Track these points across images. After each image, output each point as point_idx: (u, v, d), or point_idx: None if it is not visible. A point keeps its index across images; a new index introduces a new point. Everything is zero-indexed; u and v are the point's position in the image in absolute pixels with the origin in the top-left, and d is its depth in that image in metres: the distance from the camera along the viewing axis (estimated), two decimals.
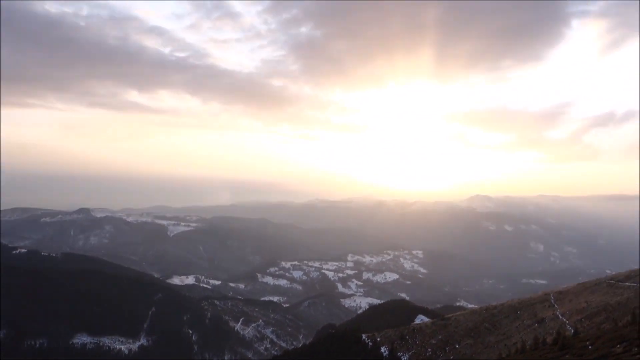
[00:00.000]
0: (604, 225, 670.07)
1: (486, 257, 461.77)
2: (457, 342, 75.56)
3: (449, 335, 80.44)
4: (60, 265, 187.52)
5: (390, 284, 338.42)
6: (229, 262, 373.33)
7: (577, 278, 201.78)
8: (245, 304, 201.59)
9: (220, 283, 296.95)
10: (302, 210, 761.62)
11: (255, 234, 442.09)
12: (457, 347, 73.20)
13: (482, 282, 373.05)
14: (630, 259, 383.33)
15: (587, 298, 68.95)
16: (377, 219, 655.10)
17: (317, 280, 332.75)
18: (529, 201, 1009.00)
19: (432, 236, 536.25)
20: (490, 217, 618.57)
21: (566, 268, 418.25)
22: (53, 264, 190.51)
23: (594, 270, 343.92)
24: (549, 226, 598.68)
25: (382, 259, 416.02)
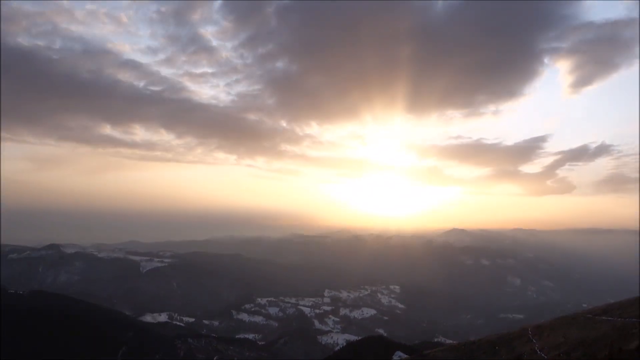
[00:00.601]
0: (579, 258, 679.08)
1: (464, 291, 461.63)
2: None
3: None
4: (27, 303, 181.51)
5: (368, 319, 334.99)
6: (203, 299, 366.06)
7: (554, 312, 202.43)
8: (220, 342, 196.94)
9: (194, 320, 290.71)
10: (279, 244, 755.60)
11: (231, 270, 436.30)
12: None
13: (460, 317, 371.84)
14: (606, 292, 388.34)
15: (564, 333, 68.62)
16: (354, 253, 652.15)
17: (294, 317, 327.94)
18: (505, 235, 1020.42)
19: (409, 271, 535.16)
20: (467, 251, 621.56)
21: (543, 302, 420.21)
22: (20, 302, 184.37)
23: (571, 304, 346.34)
24: (526, 260, 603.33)
25: (359, 295, 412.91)
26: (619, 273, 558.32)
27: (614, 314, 69.22)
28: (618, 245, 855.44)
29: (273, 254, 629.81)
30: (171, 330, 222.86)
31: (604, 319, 67.96)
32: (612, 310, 75.79)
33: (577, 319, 78.20)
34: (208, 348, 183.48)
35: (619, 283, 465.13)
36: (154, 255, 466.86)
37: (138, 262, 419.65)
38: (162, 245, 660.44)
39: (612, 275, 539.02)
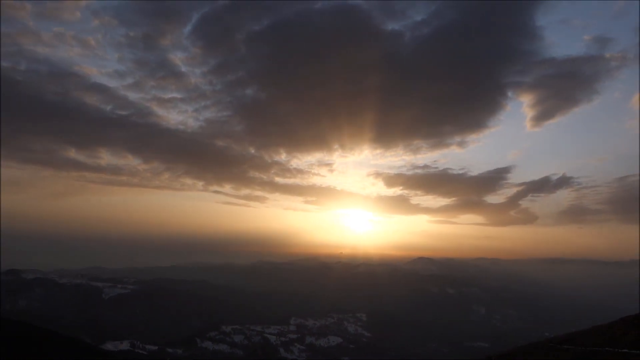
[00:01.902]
0: (542, 287, 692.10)
1: (429, 320, 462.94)
2: None
3: None
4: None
5: (334, 348, 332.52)
6: (167, 326, 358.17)
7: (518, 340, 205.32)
8: None
9: (158, 348, 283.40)
10: (245, 271, 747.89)
11: (196, 296, 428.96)
12: None
13: (426, 346, 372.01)
14: (568, 321, 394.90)
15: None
16: (321, 281, 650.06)
17: (259, 345, 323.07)
18: (469, 264, 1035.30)
19: (376, 299, 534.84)
20: (433, 279, 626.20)
21: (508, 330, 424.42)
22: None
23: (534, 333, 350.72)
24: (490, 289, 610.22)
25: (325, 322, 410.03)
26: (580, 302, 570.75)
27: (576, 343, 71.05)
28: (579, 275, 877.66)
29: (239, 281, 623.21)
30: (133, 359, 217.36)
31: (565, 347, 69.67)
32: (574, 338, 77.72)
33: (540, 347, 79.81)
34: None
35: (580, 312, 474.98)
36: (117, 281, 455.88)
37: (100, 288, 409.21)
38: (125, 272, 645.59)
39: (574, 304, 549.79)
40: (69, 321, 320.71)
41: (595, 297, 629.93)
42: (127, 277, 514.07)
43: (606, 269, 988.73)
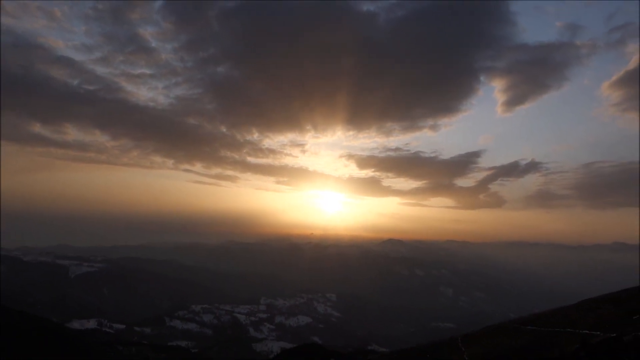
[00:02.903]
0: (508, 270, 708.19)
1: (398, 301, 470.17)
2: None
3: None
4: None
5: (303, 327, 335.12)
6: (135, 305, 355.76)
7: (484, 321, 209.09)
8: (151, 350, 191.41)
9: (125, 327, 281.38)
10: (215, 251, 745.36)
11: (165, 276, 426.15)
12: None
13: (394, 326, 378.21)
14: (532, 302, 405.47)
15: (493, 341, 71.34)
16: (292, 261, 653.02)
17: (228, 324, 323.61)
18: (439, 246, 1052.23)
19: (345, 279, 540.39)
20: (403, 261, 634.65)
21: (474, 312, 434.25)
22: None
23: (500, 314, 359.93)
24: (458, 271, 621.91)
25: (295, 302, 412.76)
26: (544, 284, 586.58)
27: (538, 324, 72.69)
28: (544, 258, 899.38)
29: (209, 260, 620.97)
30: (100, 338, 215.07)
31: (529, 328, 71.24)
32: (536, 320, 79.51)
33: (504, 328, 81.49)
34: (139, 356, 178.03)
35: (544, 294, 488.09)
36: (84, 259, 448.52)
37: (67, 267, 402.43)
38: (93, 250, 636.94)
39: (538, 287, 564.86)
40: (34, 299, 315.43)
41: (559, 279, 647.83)
42: (95, 255, 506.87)
43: (570, 252, 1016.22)
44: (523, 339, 63.85)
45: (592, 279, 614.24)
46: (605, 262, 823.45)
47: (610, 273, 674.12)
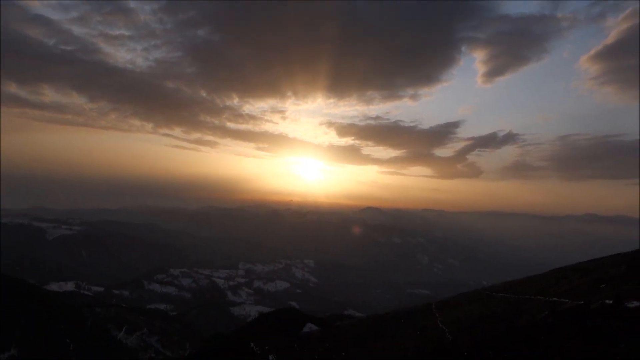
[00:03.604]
0: (483, 239, 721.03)
1: (375, 267, 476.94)
2: (344, 349, 77.18)
3: (336, 343, 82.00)
4: None
5: (281, 292, 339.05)
6: (113, 269, 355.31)
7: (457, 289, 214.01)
8: (130, 312, 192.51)
9: (104, 290, 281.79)
10: (194, 216, 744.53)
11: (143, 240, 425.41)
12: (343, 354, 74.74)
13: (370, 292, 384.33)
14: (505, 271, 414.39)
15: (465, 308, 73.39)
16: (271, 227, 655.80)
17: (207, 288, 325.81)
18: (416, 215, 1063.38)
19: (324, 246, 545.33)
20: (380, 229, 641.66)
21: (448, 279, 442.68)
22: None
23: (473, 282, 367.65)
24: (434, 239, 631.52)
25: (273, 268, 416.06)
26: (518, 253, 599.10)
27: (510, 292, 74.93)
28: (519, 228, 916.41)
29: (188, 225, 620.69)
30: (78, 300, 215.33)
31: (501, 295, 73.42)
32: (508, 288, 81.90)
33: (477, 295, 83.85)
34: (117, 318, 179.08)
35: (517, 263, 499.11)
36: (62, 222, 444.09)
37: (44, 229, 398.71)
38: (71, 213, 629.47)
39: (512, 256, 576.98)
40: (11, 261, 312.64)
41: (532, 249, 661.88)
42: (72, 218, 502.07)
43: (544, 223, 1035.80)
44: (495, 306, 65.80)
45: (563, 249, 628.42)
46: (576, 233, 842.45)
47: (581, 243, 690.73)
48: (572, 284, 60.33)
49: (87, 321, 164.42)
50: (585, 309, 32.73)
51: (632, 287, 39.50)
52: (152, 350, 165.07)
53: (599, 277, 56.69)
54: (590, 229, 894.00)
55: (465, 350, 33.08)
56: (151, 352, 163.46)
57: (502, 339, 32.16)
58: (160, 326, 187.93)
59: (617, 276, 51.00)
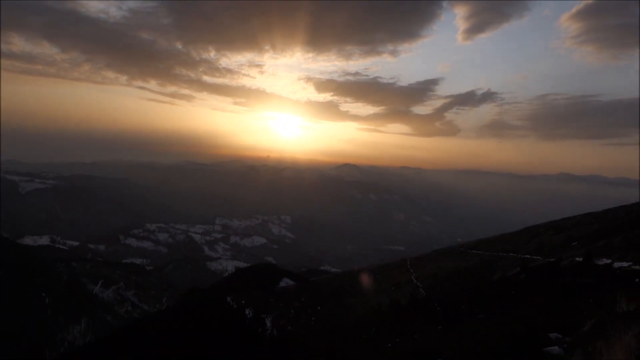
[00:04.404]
0: (459, 197, 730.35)
1: (351, 224, 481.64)
2: (319, 303, 78.24)
3: (312, 297, 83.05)
4: None
5: (258, 248, 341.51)
6: (88, 223, 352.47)
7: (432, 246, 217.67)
8: (106, 266, 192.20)
9: (79, 244, 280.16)
10: (170, 171, 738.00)
11: (119, 194, 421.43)
12: (319, 308, 75.79)
13: (346, 248, 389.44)
14: (479, 228, 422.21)
15: (439, 264, 74.58)
16: (248, 183, 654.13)
17: (184, 243, 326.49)
18: (393, 172, 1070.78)
19: (301, 202, 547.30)
20: (357, 186, 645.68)
21: (424, 236, 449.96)
22: None
23: (448, 239, 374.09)
24: (410, 197, 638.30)
25: (250, 223, 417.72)
26: (493, 212, 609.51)
27: (483, 248, 76.19)
28: (495, 187, 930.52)
29: (164, 180, 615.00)
30: (53, 254, 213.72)
31: (474, 252, 74.64)
32: (482, 244, 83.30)
33: (451, 252, 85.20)
34: (93, 272, 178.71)
35: (491, 220, 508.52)
36: (35, 175, 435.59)
37: (17, 182, 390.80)
38: (44, 166, 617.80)
39: (487, 214, 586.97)
40: None
41: (507, 207, 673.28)
42: (46, 172, 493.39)
43: (519, 182, 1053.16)
44: (468, 262, 66.90)
45: (537, 208, 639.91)
46: (551, 192, 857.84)
47: (555, 202, 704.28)
48: (544, 242, 61.43)
49: (63, 275, 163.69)
50: (556, 266, 33.23)
51: (603, 245, 40.24)
52: (129, 304, 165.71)
53: (571, 235, 57.74)
54: (564, 188, 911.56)
55: (438, 305, 33.54)
56: (127, 306, 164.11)
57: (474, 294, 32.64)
58: (136, 280, 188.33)
59: (589, 234, 51.96)
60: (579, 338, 6.35)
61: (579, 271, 27.33)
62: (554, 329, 9.26)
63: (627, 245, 35.74)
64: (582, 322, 8.60)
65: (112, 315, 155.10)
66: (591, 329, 6.75)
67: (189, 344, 63.78)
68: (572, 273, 27.45)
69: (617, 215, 59.56)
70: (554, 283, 25.35)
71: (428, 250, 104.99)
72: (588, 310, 10.72)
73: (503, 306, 22.85)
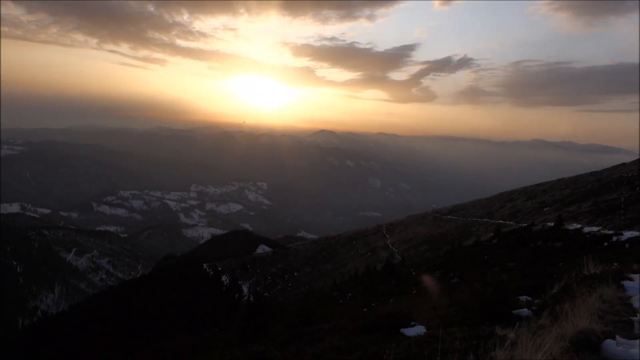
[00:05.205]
0: (434, 163, 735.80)
1: (328, 190, 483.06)
2: (296, 270, 78.91)
3: (288, 263, 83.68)
4: None
5: (234, 214, 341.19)
6: (60, 190, 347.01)
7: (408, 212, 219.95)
8: (79, 234, 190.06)
9: (51, 212, 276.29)
10: (144, 137, 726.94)
11: (91, 161, 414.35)
12: (296, 274, 76.46)
13: (323, 214, 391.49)
14: (454, 194, 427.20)
15: (414, 229, 75.43)
16: (223, 149, 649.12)
17: (158, 210, 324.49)
18: (370, 139, 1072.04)
19: (277, 168, 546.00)
20: (334, 152, 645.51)
21: (400, 202, 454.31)
22: None
23: (423, 205, 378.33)
24: (387, 163, 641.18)
25: (226, 190, 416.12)
26: (468, 178, 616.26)
27: (458, 214, 77.18)
28: (470, 153, 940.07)
29: (138, 146, 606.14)
30: (24, 222, 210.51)
31: (449, 218, 75.61)
32: (457, 210, 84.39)
33: (426, 218, 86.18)
34: (66, 240, 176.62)
35: (467, 186, 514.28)
36: (3, 142, 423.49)
37: None
38: (11, 132, 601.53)
39: (462, 180, 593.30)
40: None
41: (482, 173, 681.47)
42: (14, 138, 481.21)
43: (494, 148, 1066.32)
44: (443, 228, 67.82)
45: (511, 174, 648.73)
46: (525, 158, 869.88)
47: (528, 168, 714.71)
48: (518, 207, 62.41)
49: (35, 244, 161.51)
50: (529, 231, 33.79)
51: (574, 210, 40.99)
52: (103, 272, 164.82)
53: (543, 200, 58.73)
54: (538, 155, 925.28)
55: (413, 269, 33.96)
56: (102, 274, 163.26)
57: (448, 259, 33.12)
58: (110, 248, 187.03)
59: (560, 200, 52.87)
60: (546, 300, 6.47)
61: (550, 236, 27.81)
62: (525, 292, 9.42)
63: (597, 210, 36.46)
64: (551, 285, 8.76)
65: (86, 283, 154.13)
66: (558, 292, 6.88)
67: (165, 311, 63.84)
68: (544, 238, 27.93)
69: (587, 181, 60.66)
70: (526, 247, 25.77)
71: (404, 216, 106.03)
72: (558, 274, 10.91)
73: (476, 270, 23.16)
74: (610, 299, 5.26)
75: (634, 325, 4.11)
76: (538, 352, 2.86)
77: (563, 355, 3.02)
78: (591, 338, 3.35)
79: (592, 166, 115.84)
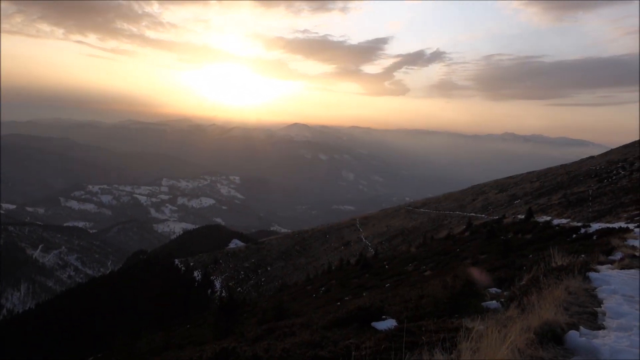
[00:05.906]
0: (407, 156, 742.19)
1: (301, 184, 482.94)
2: (269, 264, 78.72)
3: (261, 258, 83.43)
4: None
5: (206, 209, 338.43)
6: (26, 185, 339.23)
7: (381, 205, 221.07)
8: (46, 230, 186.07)
9: (16, 207, 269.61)
10: (112, 131, 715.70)
11: (58, 155, 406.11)
12: (269, 269, 76.26)
13: (296, 208, 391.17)
14: (427, 188, 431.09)
15: (388, 223, 75.88)
16: (195, 143, 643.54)
17: (128, 205, 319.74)
18: (343, 132, 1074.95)
19: (249, 162, 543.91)
20: (307, 145, 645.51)
21: (373, 195, 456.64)
22: None
23: (396, 198, 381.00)
24: (360, 156, 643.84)
25: (198, 184, 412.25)
26: (440, 171, 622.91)
27: (430, 207, 77.94)
28: (442, 146, 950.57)
29: (106, 140, 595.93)
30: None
31: (422, 211, 76.26)
32: (429, 203, 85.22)
33: (399, 211, 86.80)
34: (32, 236, 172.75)
35: (439, 180, 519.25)
36: None
37: None
38: None
39: (434, 173, 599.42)
40: None
41: (454, 166, 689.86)
42: None
43: (466, 141, 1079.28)
44: (416, 221, 68.37)
45: (483, 167, 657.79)
46: (496, 151, 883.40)
47: (499, 161, 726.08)
48: (489, 200, 63.28)
49: None
50: (500, 223, 34.26)
51: (544, 202, 41.71)
52: (71, 269, 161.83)
53: (514, 193, 59.71)
54: (509, 148, 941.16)
55: (387, 262, 34.14)
56: (70, 271, 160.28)
57: (421, 251, 33.40)
58: (79, 244, 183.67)
59: (531, 192, 53.77)
60: (515, 292, 6.52)
61: (520, 228, 28.21)
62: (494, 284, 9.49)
63: (566, 202, 37.16)
64: (520, 277, 8.85)
65: (53, 281, 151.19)
66: (527, 284, 6.94)
67: (136, 308, 63.02)
68: (514, 230, 28.32)
69: (557, 174, 61.84)
70: (497, 240, 26.10)
71: (377, 209, 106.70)
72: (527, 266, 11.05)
73: (448, 263, 23.37)
74: (576, 291, 5.39)
75: (598, 316, 4.27)
76: (503, 344, 2.90)
77: (528, 347, 3.07)
78: (555, 330, 3.41)
79: (562, 159, 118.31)
